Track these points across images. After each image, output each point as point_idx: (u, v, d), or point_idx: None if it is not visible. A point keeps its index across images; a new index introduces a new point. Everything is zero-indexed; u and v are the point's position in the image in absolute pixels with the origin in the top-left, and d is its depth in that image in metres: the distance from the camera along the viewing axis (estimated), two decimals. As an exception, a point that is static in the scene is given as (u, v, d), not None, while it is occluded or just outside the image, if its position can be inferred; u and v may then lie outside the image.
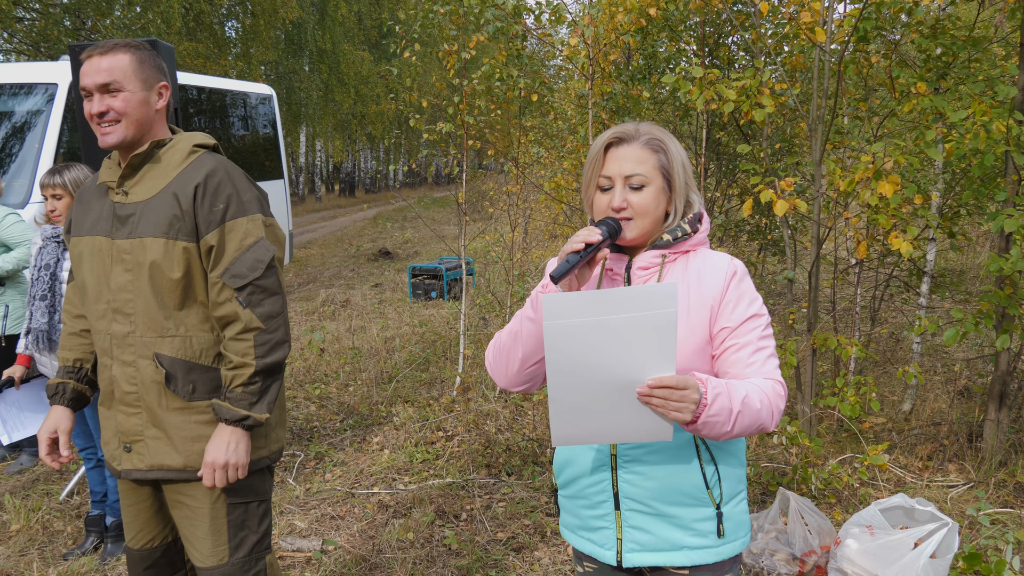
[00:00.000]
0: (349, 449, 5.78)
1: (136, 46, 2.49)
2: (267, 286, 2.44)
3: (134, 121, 2.44)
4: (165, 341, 2.45)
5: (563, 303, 1.69)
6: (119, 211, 2.46)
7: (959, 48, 4.97)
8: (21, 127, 8.48)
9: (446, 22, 6.59)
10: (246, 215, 2.45)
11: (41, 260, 4.18)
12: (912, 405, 6.05)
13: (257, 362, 2.41)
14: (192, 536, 2.55)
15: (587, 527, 2.11)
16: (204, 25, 20.03)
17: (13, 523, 4.69)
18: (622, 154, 1.99)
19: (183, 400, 2.48)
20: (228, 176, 2.46)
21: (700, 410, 1.74)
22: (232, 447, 2.42)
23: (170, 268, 2.41)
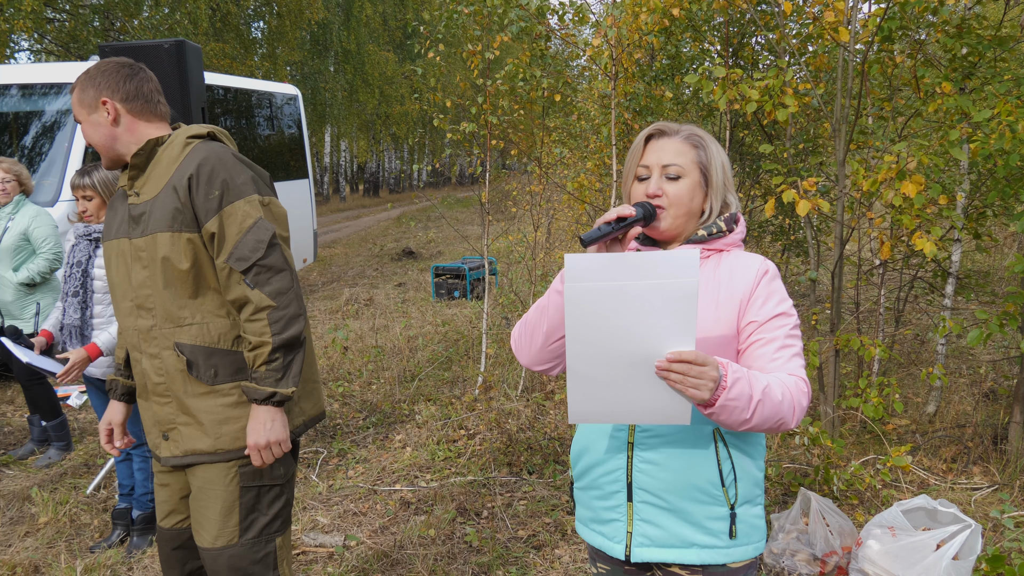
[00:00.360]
0: (372, 446, 5.82)
1: (82, 77, 2.58)
2: (271, 264, 2.47)
3: (98, 144, 2.58)
4: (183, 330, 2.53)
5: (586, 263, 1.68)
6: (132, 211, 2.57)
7: (985, 48, 4.94)
8: (51, 126, 8.60)
9: (470, 22, 6.62)
10: (242, 197, 2.48)
11: (73, 257, 4.25)
12: (936, 407, 6.02)
13: (274, 339, 2.46)
14: (203, 517, 2.61)
15: (599, 519, 2.11)
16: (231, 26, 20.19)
17: (41, 516, 4.76)
18: (662, 145, 2.02)
19: (207, 385, 2.55)
20: (220, 162, 2.49)
21: (719, 392, 1.72)
22: (269, 426, 2.49)
23: (179, 260, 2.49)
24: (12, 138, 8.74)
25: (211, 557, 2.60)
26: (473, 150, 7.12)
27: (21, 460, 5.78)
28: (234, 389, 2.57)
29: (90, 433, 6.33)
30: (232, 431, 2.57)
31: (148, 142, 2.55)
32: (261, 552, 2.65)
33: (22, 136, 8.71)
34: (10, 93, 8.89)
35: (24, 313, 5.51)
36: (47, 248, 5.49)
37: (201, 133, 2.60)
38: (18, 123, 8.78)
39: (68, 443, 5.82)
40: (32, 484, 5.26)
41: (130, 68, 2.61)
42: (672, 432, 1.98)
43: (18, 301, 5.50)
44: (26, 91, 8.86)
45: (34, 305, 5.52)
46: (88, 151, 8.38)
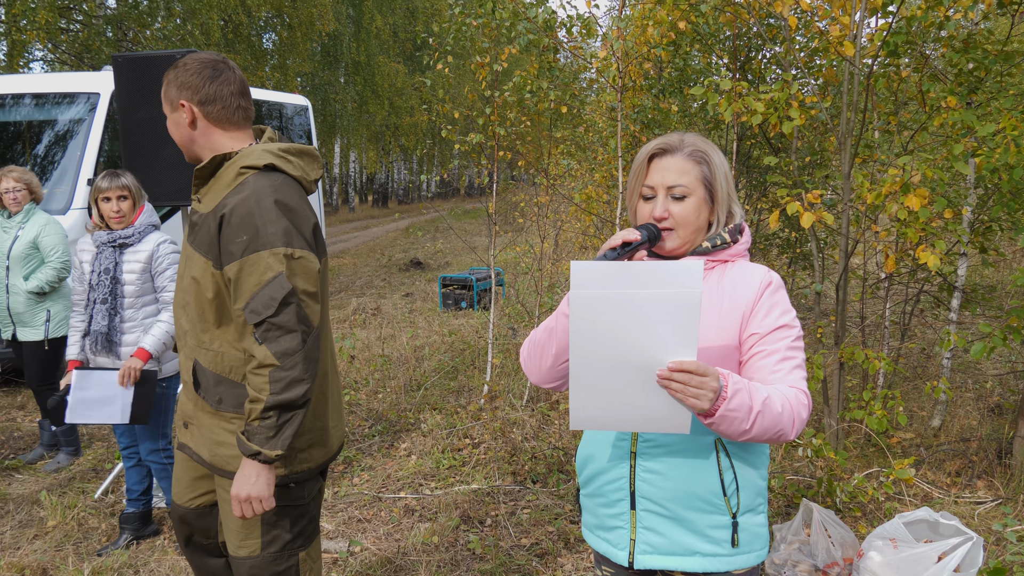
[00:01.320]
0: (377, 454, 5.84)
1: (171, 71, 2.54)
2: (282, 323, 2.37)
3: (178, 141, 2.56)
4: (201, 352, 2.56)
5: (592, 271, 1.71)
6: (193, 218, 2.60)
7: (991, 62, 4.96)
8: (64, 135, 8.68)
9: (479, 35, 6.67)
10: (267, 248, 2.37)
11: (100, 265, 4.29)
12: (941, 421, 6.02)
13: (269, 398, 2.36)
14: (227, 525, 2.67)
15: (604, 526, 2.14)
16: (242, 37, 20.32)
17: (50, 519, 4.80)
18: (665, 164, 2.03)
19: (211, 407, 2.58)
20: (258, 205, 2.38)
21: (719, 402, 1.74)
22: (253, 480, 2.43)
23: (206, 288, 2.48)
24: (25, 147, 8.83)
25: (235, 563, 2.67)
26: (481, 161, 7.17)
27: (31, 464, 5.83)
28: (235, 419, 2.55)
29: (99, 439, 6.38)
30: (226, 455, 2.57)
31: (215, 158, 2.51)
32: (283, 565, 2.66)
33: (34, 145, 8.79)
34: (23, 102, 8.98)
35: (35, 321, 5.56)
36: (55, 257, 5.54)
37: (257, 165, 2.47)
38: (31, 132, 8.86)
39: (77, 448, 5.87)
40: (41, 488, 5.30)
41: (213, 68, 2.53)
42: (674, 442, 2.00)
43: (29, 310, 5.55)
44: (39, 100, 8.94)
45: (44, 312, 5.57)
46: (100, 160, 8.45)
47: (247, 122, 2.60)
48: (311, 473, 2.67)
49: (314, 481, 2.72)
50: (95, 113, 8.55)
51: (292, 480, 2.61)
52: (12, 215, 5.59)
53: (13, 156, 8.83)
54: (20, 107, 8.99)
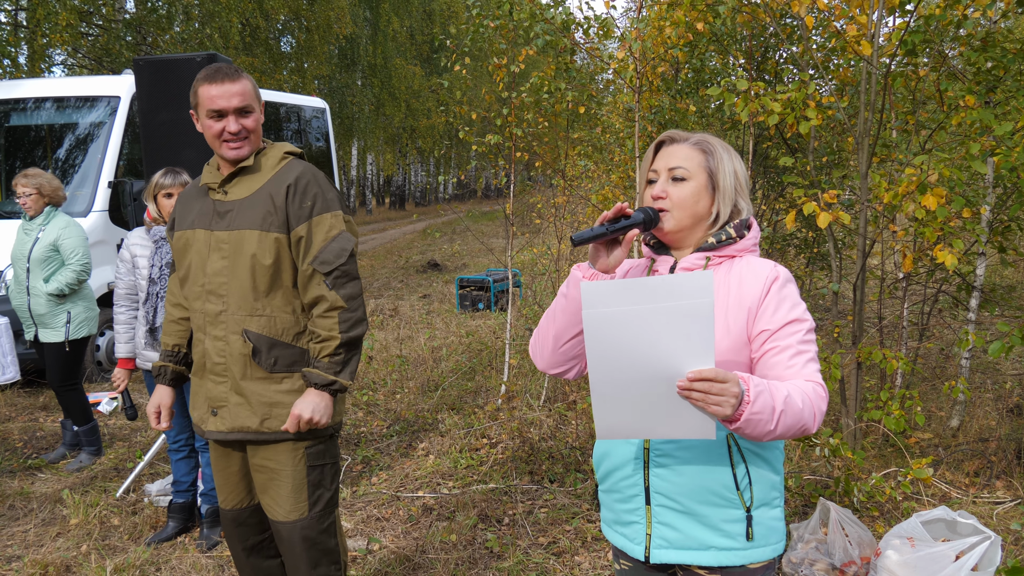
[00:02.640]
0: (395, 454, 5.88)
1: (244, 72, 2.86)
2: (349, 271, 2.80)
3: (257, 137, 2.86)
4: (253, 319, 2.81)
5: (600, 291, 1.74)
6: (219, 208, 2.84)
7: (1010, 61, 4.95)
8: (85, 139, 8.78)
9: (496, 36, 6.70)
10: (330, 211, 2.81)
11: (162, 260, 4.40)
12: (960, 421, 5.99)
13: (342, 336, 2.77)
14: (276, 494, 2.89)
15: (620, 521, 2.16)
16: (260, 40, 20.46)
17: (73, 517, 4.86)
18: (671, 151, 2.08)
19: (265, 371, 2.83)
20: (314, 178, 2.84)
21: (743, 408, 1.75)
22: (319, 406, 2.78)
23: (263, 256, 2.77)
24: (46, 150, 8.93)
25: (286, 529, 2.91)
26: (498, 162, 7.20)
27: (53, 464, 5.90)
28: (286, 379, 2.85)
29: (120, 439, 6.45)
30: (283, 414, 2.84)
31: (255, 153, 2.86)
32: (326, 522, 2.97)
33: (56, 148, 8.89)
34: (45, 106, 9.08)
35: (55, 322, 5.62)
36: (75, 260, 5.59)
37: (296, 152, 2.93)
38: (52, 135, 8.96)
39: (99, 448, 5.93)
40: (63, 487, 5.37)
41: None
42: (686, 440, 2.02)
43: (50, 311, 5.61)
44: (60, 104, 9.04)
45: (65, 314, 5.63)
46: (121, 163, 8.54)
47: None
48: (340, 427, 3.04)
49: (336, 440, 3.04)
50: (115, 116, 8.65)
51: (332, 429, 2.96)
52: (32, 218, 5.66)
53: (35, 159, 8.94)
54: (42, 111, 9.10)
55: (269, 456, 2.88)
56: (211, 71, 2.78)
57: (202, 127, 2.81)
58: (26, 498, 5.24)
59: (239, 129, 2.77)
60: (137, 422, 6.79)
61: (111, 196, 8.31)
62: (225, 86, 2.76)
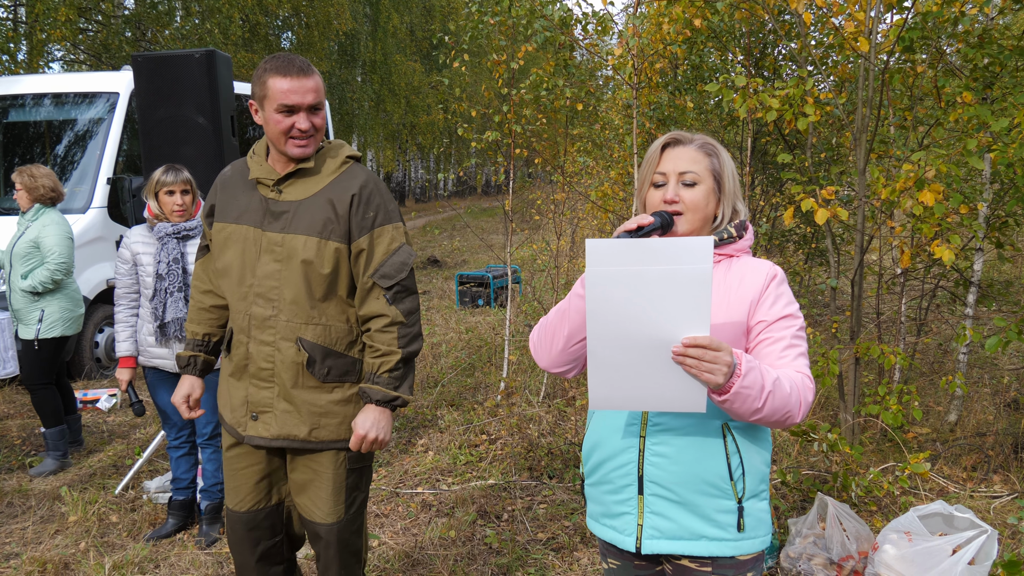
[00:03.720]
0: (394, 450, 5.90)
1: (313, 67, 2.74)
2: (409, 286, 2.76)
3: (321, 136, 2.75)
4: (309, 328, 2.74)
5: (606, 248, 1.76)
6: (272, 207, 2.73)
7: (1006, 57, 4.95)
8: (84, 135, 8.78)
9: (495, 32, 6.70)
10: (391, 223, 2.75)
11: (168, 256, 4.39)
12: (958, 416, 6.01)
13: (402, 351, 2.73)
14: (316, 496, 2.86)
15: (610, 513, 2.17)
16: (260, 36, 20.44)
17: (71, 515, 4.87)
18: (677, 154, 2.11)
19: (318, 380, 2.78)
20: (377, 188, 2.75)
21: (734, 379, 1.79)
22: (381, 424, 2.75)
23: (321, 264, 2.69)
24: (45, 146, 8.94)
25: (324, 531, 2.88)
26: (497, 159, 7.20)
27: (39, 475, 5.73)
28: (337, 388, 2.80)
29: (119, 436, 6.46)
30: (333, 424, 2.80)
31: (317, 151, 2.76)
32: (358, 523, 2.97)
33: (55, 144, 8.89)
34: (44, 102, 9.08)
35: (29, 319, 5.58)
36: (52, 258, 5.53)
37: (357, 156, 2.84)
38: (51, 132, 8.97)
39: (65, 453, 5.76)
40: (62, 484, 5.38)
41: None
42: (683, 426, 2.05)
43: (25, 307, 5.57)
44: (59, 100, 9.05)
45: (38, 312, 5.58)
46: (120, 159, 8.54)
47: None
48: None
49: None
50: (115, 113, 8.65)
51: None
52: (23, 213, 5.66)
53: (34, 156, 8.94)
54: (41, 107, 9.10)
55: (312, 460, 2.85)
56: (282, 62, 2.62)
57: (265, 120, 2.65)
58: (24, 495, 5.25)
59: (309, 127, 2.65)
60: (137, 419, 6.81)
61: (110, 192, 8.31)
62: (300, 80, 2.61)
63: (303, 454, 2.86)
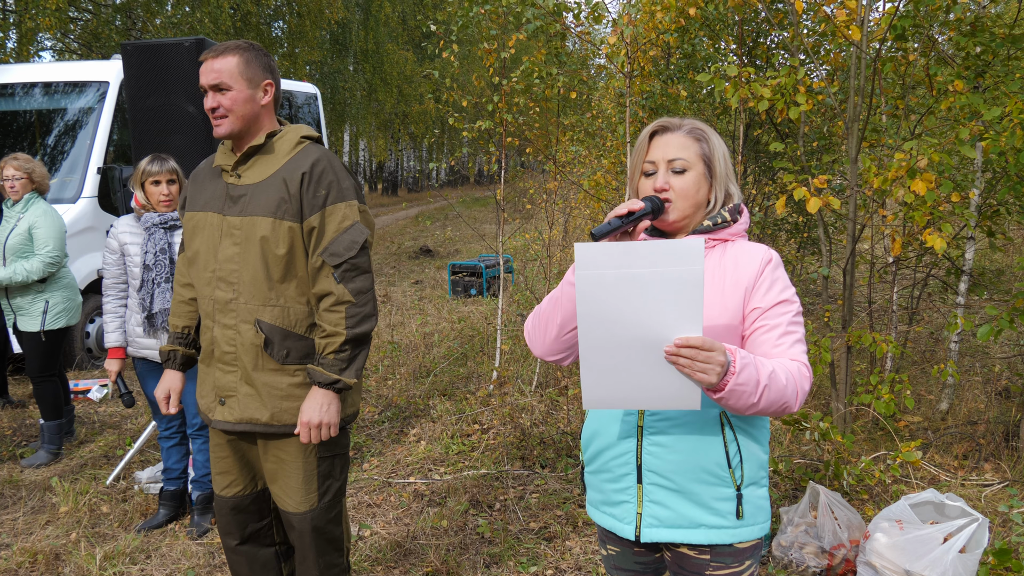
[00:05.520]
0: (387, 440, 5.89)
1: (246, 48, 2.77)
2: (359, 264, 2.72)
3: (239, 116, 2.75)
4: (267, 309, 2.74)
5: (595, 252, 1.75)
6: (231, 191, 2.77)
7: (998, 46, 4.95)
8: (73, 124, 8.73)
9: (486, 20, 6.66)
10: (344, 200, 2.73)
11: (155, 246, 4.37)
12: (949, 404, 6.02)
13: (347, 332, 2.69)
14: (285, 485, 2.85)
15: (609, 501, 2.17)
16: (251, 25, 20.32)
17: (62, 505, 4.86)
18: (666, 140, 2.09)
19: (277, 363, 2.77)
20: (330, 165, 2.74)
21: (728, 377, 1.78)
22: (325, 408, 2.72)
23: (276, 245, 2.70)
24: (35, 136, 8.88)
25: (297, 519, 2.88)
26: (489, 148, 7.18)
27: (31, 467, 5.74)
28: (299, 371, 2.80)
29: (110, 426, 6.44)
30: (295, 408, 2.79)
31: (268, 135, 2.78)
32: (334, 511, 2.95)
33: (45, 134, 8.84)
34: (33, 92, 9.02)
35: (33, 311, 5.54)
36: (46, 251, 5.47)
37: (314, 136, 2.85)
38: (41, 121, 8.91)
39: (59, 448, 5.76)
40: (53, 475, 5.36)
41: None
42: (680, 415, 2.04)
43: (28, 299, 5.52)
44: (49, 89, 8.98)
45: (43, 303, 5.55)
46: (110, 149, 8.50)
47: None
48: (355, 417, 2.98)
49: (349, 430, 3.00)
50: (104, 102, 8.59)
51: (347, 421, 2.91)
52: (13, 204, 5.60)
53: (23, 145, 8.88)
54: (30, 96, 9.04)
55: (280, 448, 2.85)
56: (210, 48, 2.77)
57: None
58: (15, 486, 5.23)
59: (214, 106, 2.72)
60: (128, 409, 6.79)
61: (100, 182, 8.26)
62: (209, 62, 2.73)
63: (272, 441, 2.85)
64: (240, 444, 2.93)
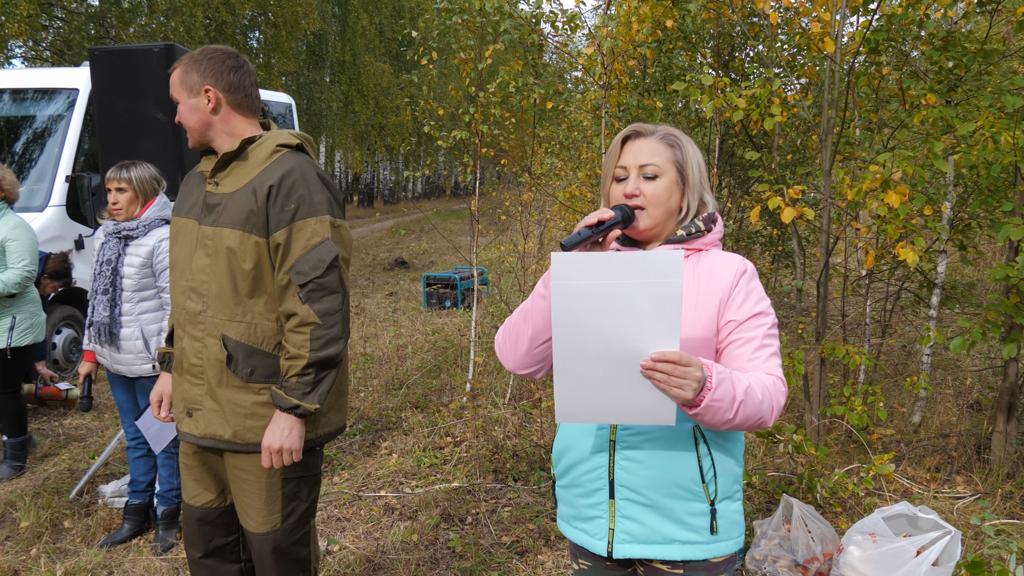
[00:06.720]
0: (358, 453, 5.81)
1: (188, 58, 2.69)
2: (326, 284, 2.57)
3: (191, 128, 2.68)
4: (232, 325, 2.64)
5: (572, 262, 1.71)
6: (208, 199, 2.67)
7: (970, 60, 4.98)
8: (43, 132, 8.61)
9: (463, 30, 6.62)
10: (315, 216, 2.58)
11: (103, 255, 4.27)
12: (922, 417, 6.03)
13: (311, 355, 2.55)
14: (247, 504, 2.76)
15: (581, 517, 2.12)
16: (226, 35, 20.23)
17: (23, 520, 4.74)
18: (638, 146, 2.06)
19: (241, 380, 2.66)
20: (302, 177, 2.59)
21: (704, 393, 1.75)
22: (286, 433, 2.60)
23: (243, 259, 2.59)
24: (3, 143, 8.75)
25: (257, 540, 2.78)
26: (464, 158, 7.14)
27: None
28: (264, 390, 2.68)
29: (75, 439, 6.32)
30: (259, 427, 2.68)
31: (242, 142, 2.65)
32: (300, 533, 2.84)
33: (13, 142, 8.70)
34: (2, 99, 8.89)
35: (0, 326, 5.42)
36: (22, 265, 5.35)
37: (291, 143, 2.68)
38: (9, 128, 8.78)
39: (23, 465, 5.64)
40: (14, 489, 5.24)
41: (235, 59, 2.71)
42: (653, 430, 2.00)
43: None
44: (18, 96, 8.86)
45: (9, 319, 5.42)
46: (80, 157, 8.38)
47: (259, 112, 2.78)
48: (331, 437, 2.85)
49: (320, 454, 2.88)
50: (74, 109, 8.48)
51: (318, 443, 2.78)
52: None
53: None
54: (-2, 104, 8.91)
55: (243, 465, 2.74)
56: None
57: None
58: (-23, 499, 5.11)
59: (178, 120, 2.68)
60: (92, 423, 6.67)
61: (69, 191, 8.14)
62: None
63: (236, 456, 2.76)
64: (208, 456, 2.85)
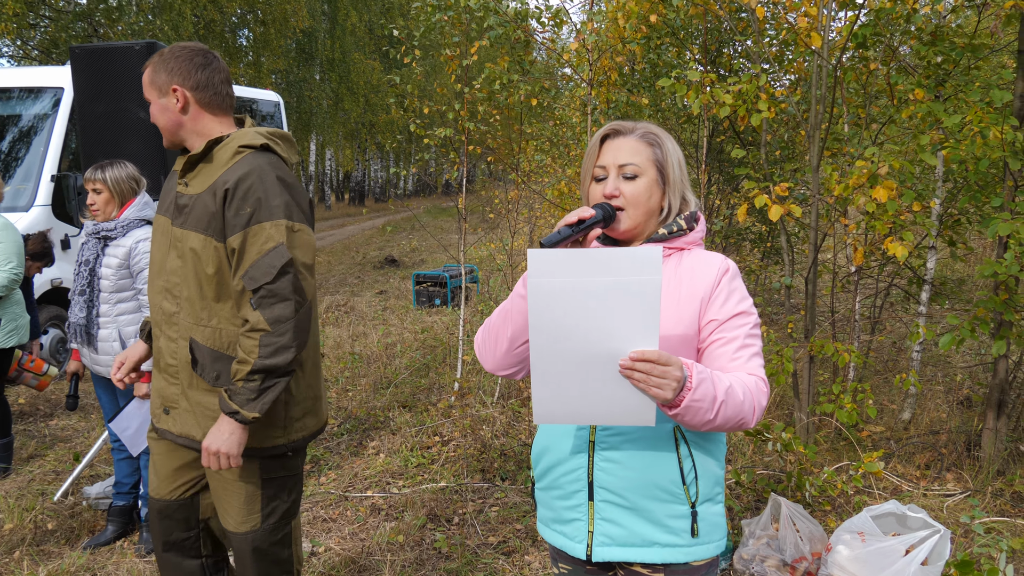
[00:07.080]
0: (345, 453, 5.77)
1: (157, 57, 2.65)
2: (278, 291, 2.49)
3: (163, 127, 2.66)
4: (199, 329, 2.61)
5: (549, 259, 1.66)
6: (179, 200, 2.64)
7: (958, 55, 4.95)
8: (28, 131, 8.54)
9: (449, 27, 6.58)
10: (271, 220, 2.51)
11: (82, 256, 4.23)
12: (911, 414, 6.01)
13: (257, 362, 2.48)
14: (227, 503, 2.73)
15: (560, 519, 2.09)
16: (215, 33, 20.13)
17: (6, 522, 4.69)
18: (617, 145, 2.02)
19: (208, 384, 2.64)
20: (260, 180, 2.51)
21: (684, 393, 1.71)
22: (225, 436, 2.53)
23: (206, 263, 2.56)
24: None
25: (236, 540, 2.75)
26: (450, 156, 7.10)
27: None
28: None
29: (61, 440, 6.26)
30: None
31: (208, 143, 2.60)
32: (280, 533, 2.80)
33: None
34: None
35: None
36: (9, 268, 5.28)
37: (255, 143, 2.59)
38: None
39: (8, 466, 5.57)
40: (-2, 490, 5.19)
41: (203, 56, 2.65)
42: (633, 431, 1.97)
43: None
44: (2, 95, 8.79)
45: None
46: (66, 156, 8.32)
47: (232, 110, 2.73)
48: (306, 441, 2.81)
49: (303, 454, 2.87)
50: (59, 108, 8.42)
51: (290, 448, 2.75)
52: None
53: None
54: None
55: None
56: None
57: None
58: (-41, 502, 5.05)
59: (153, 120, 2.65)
60: (79, 424, 6.61)
61: (54, 190, 8.08)
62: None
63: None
64: (186, 453, 2.83)
